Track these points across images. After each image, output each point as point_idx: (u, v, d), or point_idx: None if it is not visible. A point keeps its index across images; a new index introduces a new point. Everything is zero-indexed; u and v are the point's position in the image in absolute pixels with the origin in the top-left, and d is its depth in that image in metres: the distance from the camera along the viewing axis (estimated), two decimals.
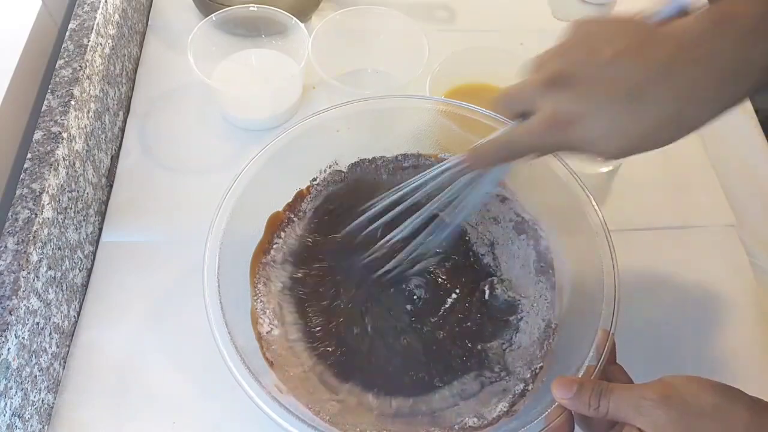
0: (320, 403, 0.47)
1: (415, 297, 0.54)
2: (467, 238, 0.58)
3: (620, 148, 0.36)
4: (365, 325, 0.52)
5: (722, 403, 0.33)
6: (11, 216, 0.47)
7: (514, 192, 0.56)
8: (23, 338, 0.44)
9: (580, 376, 0.41)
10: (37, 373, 0.47)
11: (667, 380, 0.35)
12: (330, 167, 0.57)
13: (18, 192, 0.48)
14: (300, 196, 0.57)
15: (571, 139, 0.36)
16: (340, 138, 0.55)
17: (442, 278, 0.55)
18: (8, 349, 0.42)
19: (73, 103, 0.54)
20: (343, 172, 0.58)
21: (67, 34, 0.59)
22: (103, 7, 0.61)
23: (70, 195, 0.53)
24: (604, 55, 0.34)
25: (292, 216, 0.57)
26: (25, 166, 0.49)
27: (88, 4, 0.61)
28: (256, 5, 0.65)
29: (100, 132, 0.60)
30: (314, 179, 0.57)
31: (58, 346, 0.50)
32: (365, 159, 0.58)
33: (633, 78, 0.34)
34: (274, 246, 0.55)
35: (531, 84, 0.38)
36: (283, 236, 0.56)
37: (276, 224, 0.55)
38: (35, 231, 0.46)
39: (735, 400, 0.33)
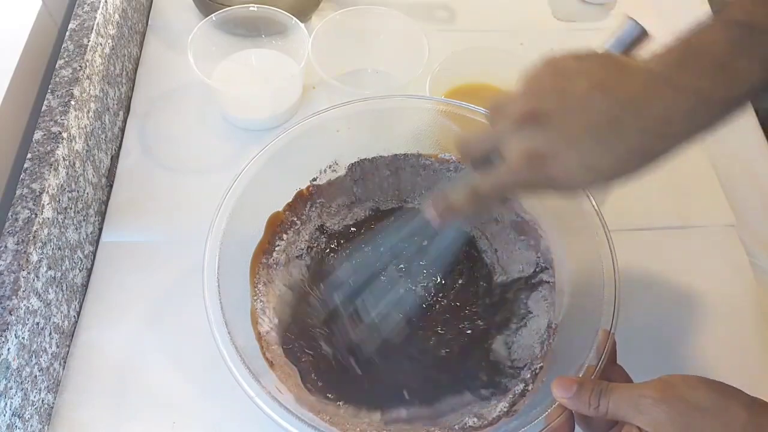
0: (320, 403, 0.47)
1: (418, 298, 0.54)
2: (469, 240, 0.58)
3: (589, 182, 0.36)
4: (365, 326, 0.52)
5: (721, 402, 0.33)
6: (11, 216, 0.47)
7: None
8: (23, 338, 0.44)
9: (580, 376, 0.41)
10: (37, 373, 0.47)
11: (666, 379, 0.35)
12: (330, 167, 0.57)
13: (18, 192, 0.48)
14: (300, 197, 0.57)
15: (546, 176, 0.36)
16: (340, 138, 0.55)
17: (444, 280, 0.55)
18: (8, 349, 0.42)
19: (73, 103, 0.54)
20: (343, 174, 0.58)
21: (67, 34, 0.59)
22: (103, 7, 0.61)
23: (70, 195, 0.53)
24: (576, 91, 0.35)
25: (295, 218, 0.57)
26: (25, 166, 0.49)
27: (88, 4, 0.61)
28: (256, 5, 0.65)
29: (100, 132, 0.60)
30: (314, 179, 0.57)
31: (58, 346, 0.50)
32: (365, 159, 0.58)
33: (604, 113, 0.34)
34: (276, 248, 0.55)
35: (499, 125, 0.38)
36: (285, 238, 0.56)
37: (276, 224, 0.55)
38: (35, 231, 0.46)
39: (733, 398, 0.33)
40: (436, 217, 0.41)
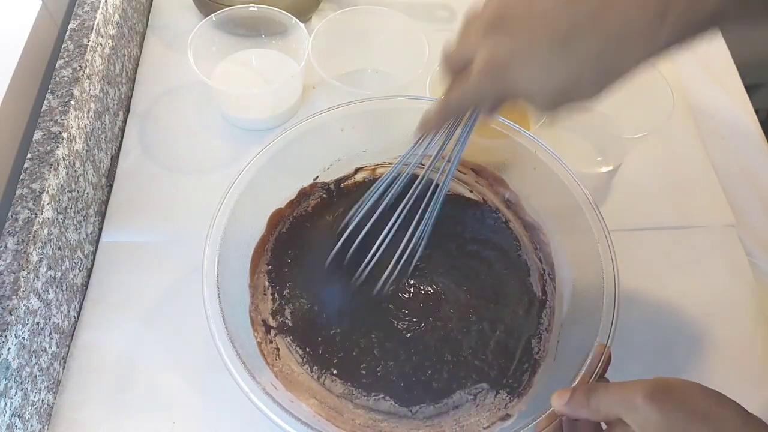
0: (319, 403, 0.47)
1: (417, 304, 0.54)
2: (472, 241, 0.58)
3: (550, 94, 0.36)
4: (369, 326, 0.52)
5: (714, 407, 0.33)
6: (11, 216, 0.47)
7: (518, 195, 0.56)
8: (23, 338, 0.44)
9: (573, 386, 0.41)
10: (37, 373, 0.47)
11: (661, 380, 0.35)
12: (332, 166, 0.57)
13: (18, 192, 0.48)
14: (303, 194, 0.57)
15: (508, 85, 0.37)
16: (341, 138, 0.55)
17: (445, 285, 0.55)
18: (8, 349, 0.42)
19: (73, 103, 0.54)
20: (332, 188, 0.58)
21: (67, 34, 0.59)
22: (103, 7, 0.61)
23: (70, 195, 0.53)
24: (539, 2, 0.35)
25: (295, 215, 0.57)
26: (25, 166, 0.49)
27: (88, 4, 0.61)
28: (256, 5, 0.65)
29: (100, 132, 0.60)
30: (317, 177, 0.57)
31: (58, 346, 0.51)
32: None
33: (566, 21, 0.34)
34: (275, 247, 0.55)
35: (472, 34, 0.39)
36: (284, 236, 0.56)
37: (278, 221, 0.55)
38: (35, 231, 0.46)
39: (729, 407, 0.33)
40: (419, 128, 0.44)
